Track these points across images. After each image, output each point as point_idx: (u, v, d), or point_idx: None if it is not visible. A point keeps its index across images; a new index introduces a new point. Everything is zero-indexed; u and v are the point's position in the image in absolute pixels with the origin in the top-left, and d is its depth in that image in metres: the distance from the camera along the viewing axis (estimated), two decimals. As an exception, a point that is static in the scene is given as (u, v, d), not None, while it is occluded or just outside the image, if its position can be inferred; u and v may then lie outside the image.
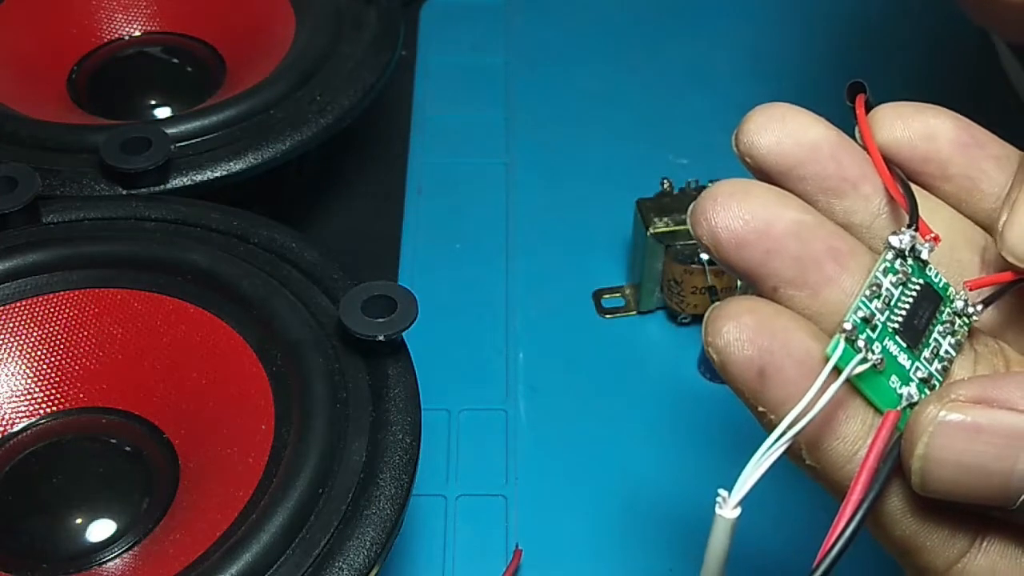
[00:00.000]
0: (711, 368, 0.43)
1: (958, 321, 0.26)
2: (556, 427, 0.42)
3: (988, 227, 0.27)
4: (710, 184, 0.44)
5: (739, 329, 0.23)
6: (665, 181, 0.44)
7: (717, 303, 0.24)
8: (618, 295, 0.46)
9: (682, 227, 0.43)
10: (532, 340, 0.45)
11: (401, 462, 0.32)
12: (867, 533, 0.24)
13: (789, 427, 0.23)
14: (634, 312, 0.46)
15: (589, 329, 0.45)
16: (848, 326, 0.24)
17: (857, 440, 0.24)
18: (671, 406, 0.43)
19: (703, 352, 0.44)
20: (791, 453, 0.24)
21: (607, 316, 0.46)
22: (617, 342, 0.45)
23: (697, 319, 0.44)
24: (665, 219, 0.43)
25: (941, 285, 0.26)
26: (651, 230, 0.43)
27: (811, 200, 0.26)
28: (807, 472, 0.25)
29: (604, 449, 0.41)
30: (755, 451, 0.24)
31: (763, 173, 0.26)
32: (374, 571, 0.31)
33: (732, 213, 0.24)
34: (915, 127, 0.27)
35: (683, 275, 0.43)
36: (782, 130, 0.26)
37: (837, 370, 0.23)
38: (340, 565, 0.30)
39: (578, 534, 0.39)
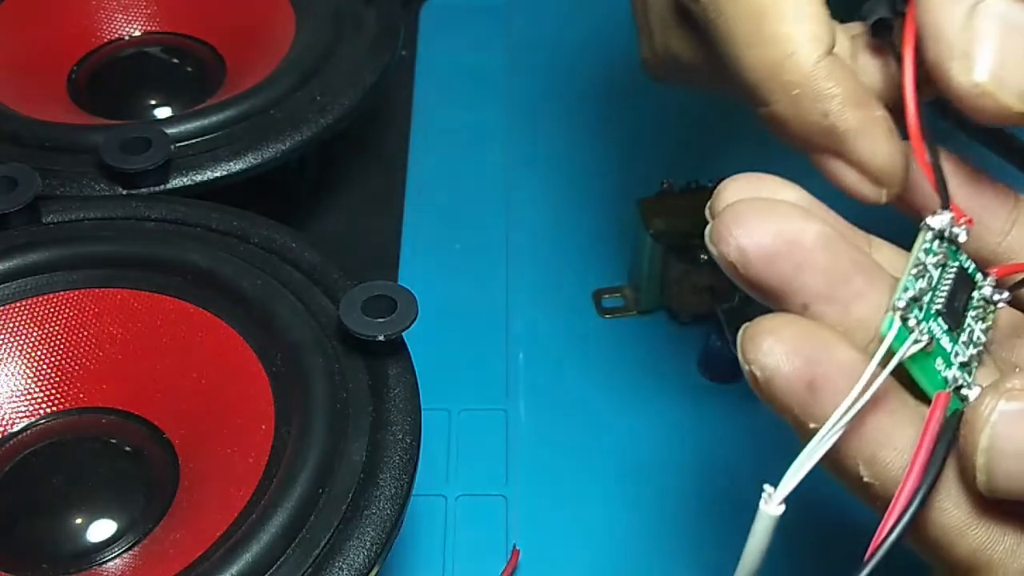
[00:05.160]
0: (710, 368, 0.44)
1: (987, 307, 0.25)
2: (556, 427, 0.42)
3: (992, 261, 0.27)
4: (711, 184, 0.44)
5: (782, 342, 0.23)
6: (665, 181, 0.44)
7: (748, 323, 0.24)
8: (618, 295, 0.46)
9: (683, 227, 0.42)
10: (532, 340, 0.45)
11: (401, 462, 0.32)
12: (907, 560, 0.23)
13: (844, 413, 0.22)
14: (634, 312, 0.46)
15: (589, 329, 0.45)
16: (901, 304, 0.23)
17: (910, 450, 0.23)
18: (671, 406, 0.43)
19: (703, 353, 0.44)
20: (847, 474, 0.24)
21: (607, 316, 0.46)
22: (617, 342, 0.45)
23: (697, 319, 0.44)
24: (665, 219, 0.43)
25: (971, 270, 0.25)
26: (651, 230, 0.43)
27: None
28: (861, 495, 0.24)
29: (604, 449, 0.41)
30: (755, 451, 0.24)
31: None
32: (374, 571, 0.31)
33: (760, 228, 0.24)
34: (915, 166, 0.27)
35: (683, 275, 0.43)
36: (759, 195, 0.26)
37: (890, 352, 0.23)
38: (340, 565, 0.30)
39: (578, 534, 0.39)
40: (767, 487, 0.22)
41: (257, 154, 0.43)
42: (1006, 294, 0.25)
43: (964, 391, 0.24)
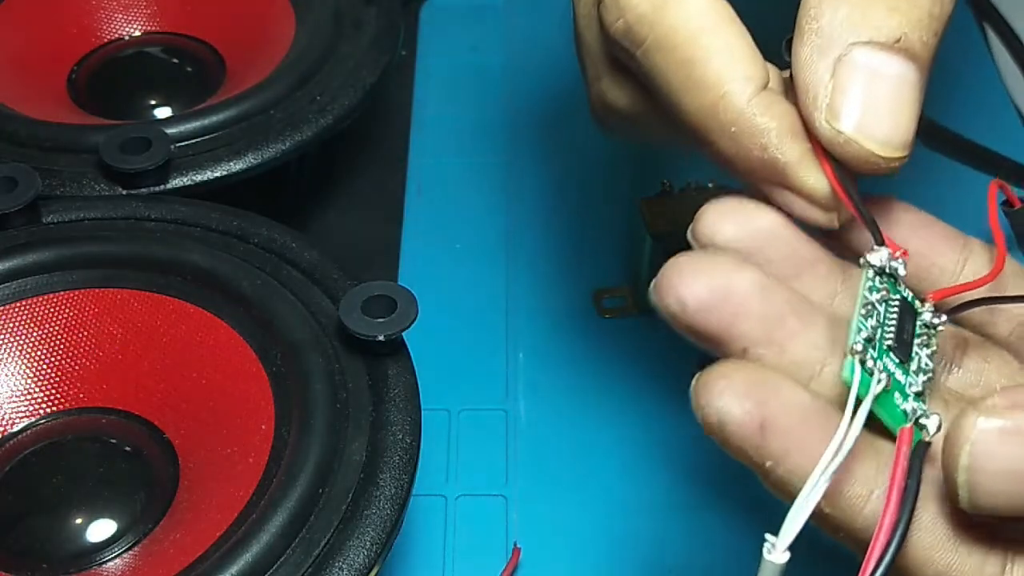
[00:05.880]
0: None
1: (929, 332, 0.26)
2: (556, 427, 0.42)
3: (945, 303, 0.28)
4: (711, 184, 0.44)
5: (733, 387, 0.24)
6: (665, 181, 0.44)
7: (699, 372, 0.25)
8: (618, 295, 0.46)
9: (683, 228, 0.42)
10: (532, 340, 0.45)
11: (401, 462, 0.32)
12: None
13: (830, 461, 0.23)
14: (634, 312, 0.46)
15: (589, 329, 0.45)
16: (859, 347, 0.24)
17: (870, 481, 0.24)
18: (671, 406, 0.43)
19: (702, 352, 0.44)
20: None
21: (607, 316, 0.46)
22: (617, 342, 0.45)
23: (697, 319, 0.44)
24: (665, 219, 0.43)
25: (911, 299, 0.26)
26: (651, 230, 0.43)
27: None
28: (824, 525, 0.25)
29: (604, 449, 0.41)
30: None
31: None
32: (374, 571, 0.31)
33: (698, 281, 0.25)
34: (873, 212, 0.28)
35: (683, 275, 0.43)
36: (737, 220, 0.27)
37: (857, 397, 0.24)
38: (340, 565, 0.30)
39: (578, 534, 0.39)
40: (769, 537, 0.23)
41: (257, 154, 0.43)
42: (944, 317, 0.26)
43: (923, 420, 0.25)
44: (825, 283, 0.27)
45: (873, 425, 0.25)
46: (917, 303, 0.26)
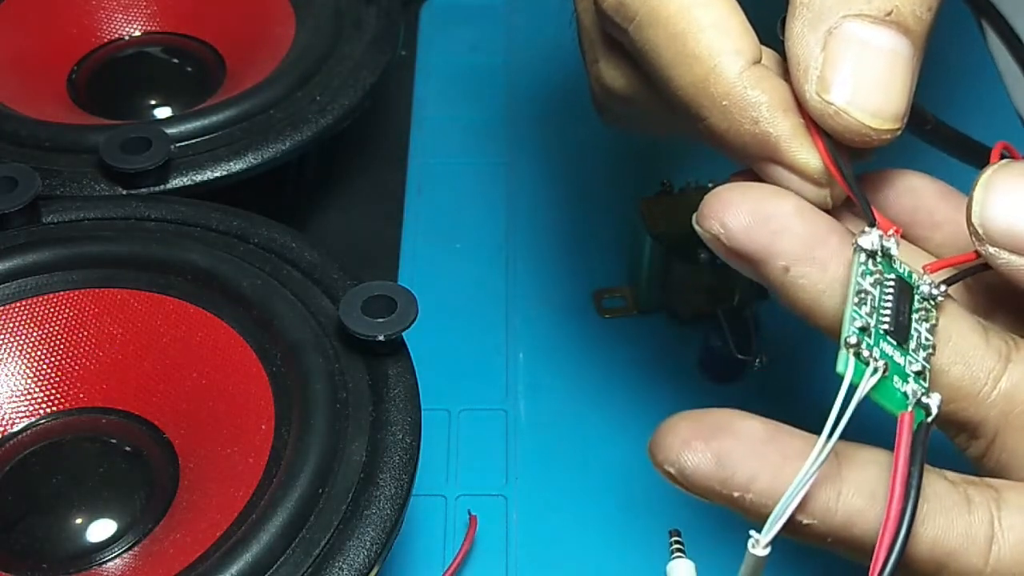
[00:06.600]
0: (710, 368, 0.44)
1: (926, 305, 0.26)
2: (556, 427, 0.42)
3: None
4: (711, 184, 0.44)
5: (680, 436, 0.25)
6: (665, 181, 0.44)
7: (652, 438, 0.26)
8: (618, 295, 0.46)
9: (683, 227, 0.42)
10: (532, 340, 0.45)
11: (401, 462, 0.32)
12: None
13: (819, 456, 0.23)
14: (634, 312, 0.46)
15: (589, 329, 0.45)
16: (853, 340, 0.24)
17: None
18: (671, 406, 0.43)
19: (702, 353, 0.44)
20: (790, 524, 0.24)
21: (607, 316, 0.46)
22: (617, 342, 0.45)
23: (697, 319, 0.44)
24: (665, 219, 0.43)
25: (907, 274, 0.26)
26: (652, 230, 0.43)
27: None
28: (808, 537, 0.25)
29: (604, 449, 0.41)
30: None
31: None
32: (374, 571, 0.31)
33: (739, 206, 0.26)
34: (896, 184, 0.29)
35: (683, 275, 0.43)
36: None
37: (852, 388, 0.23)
38: (340, 565, 0.30)
39: (578, 534, 0.39)
40: (753, 533, 0.23)
41: (257, 154, 0.43)
42: (943, 288, 0.26)
43: (924, 400, 0.24)
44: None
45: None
46: (915, 277, 0.26)
